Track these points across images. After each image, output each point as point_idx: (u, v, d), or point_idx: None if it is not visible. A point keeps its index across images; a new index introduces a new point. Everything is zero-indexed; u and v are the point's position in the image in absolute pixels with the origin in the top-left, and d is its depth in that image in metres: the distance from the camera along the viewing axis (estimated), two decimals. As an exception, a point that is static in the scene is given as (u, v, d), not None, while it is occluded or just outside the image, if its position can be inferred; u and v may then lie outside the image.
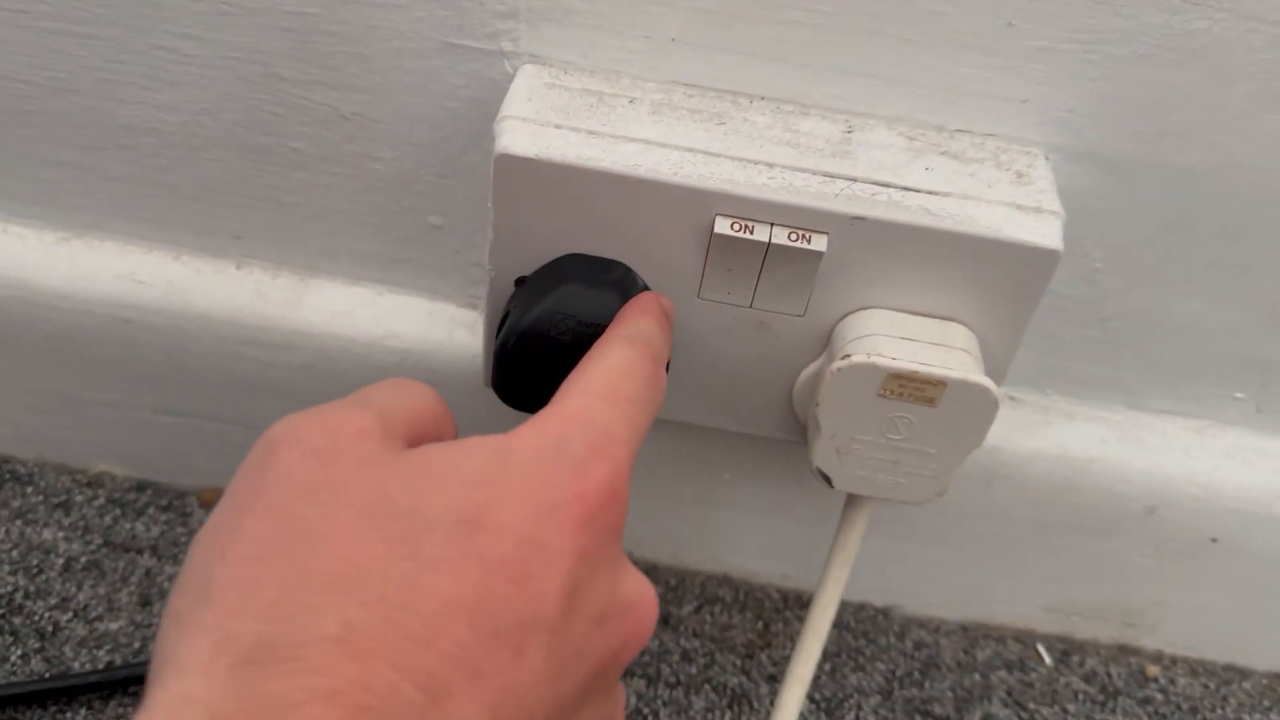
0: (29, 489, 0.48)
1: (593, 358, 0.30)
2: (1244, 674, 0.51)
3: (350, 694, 0.19)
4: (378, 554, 0.21)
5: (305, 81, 0.38)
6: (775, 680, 0.47)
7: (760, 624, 0.49)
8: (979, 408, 0.34)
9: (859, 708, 0.47)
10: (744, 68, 0.36)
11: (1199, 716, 0.49)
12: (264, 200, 0.42)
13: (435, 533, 0.21)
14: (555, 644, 0.22)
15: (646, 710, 0.45)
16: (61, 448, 0.49)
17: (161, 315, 0.43)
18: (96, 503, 0.48)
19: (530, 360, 0.34)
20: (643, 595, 0.26)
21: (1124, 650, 0.50)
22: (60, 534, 0.46)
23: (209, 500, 0.48)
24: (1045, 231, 0.34)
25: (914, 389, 0.34)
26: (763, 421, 0.40)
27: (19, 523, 0.47)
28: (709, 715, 0.45)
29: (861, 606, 0.50)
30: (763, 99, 0.37)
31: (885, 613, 0.50)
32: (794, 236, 0.34)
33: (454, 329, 0.44)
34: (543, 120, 0.34)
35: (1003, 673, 0.49)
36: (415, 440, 0.25)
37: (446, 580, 0.21)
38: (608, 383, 0.28)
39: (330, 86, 0.38)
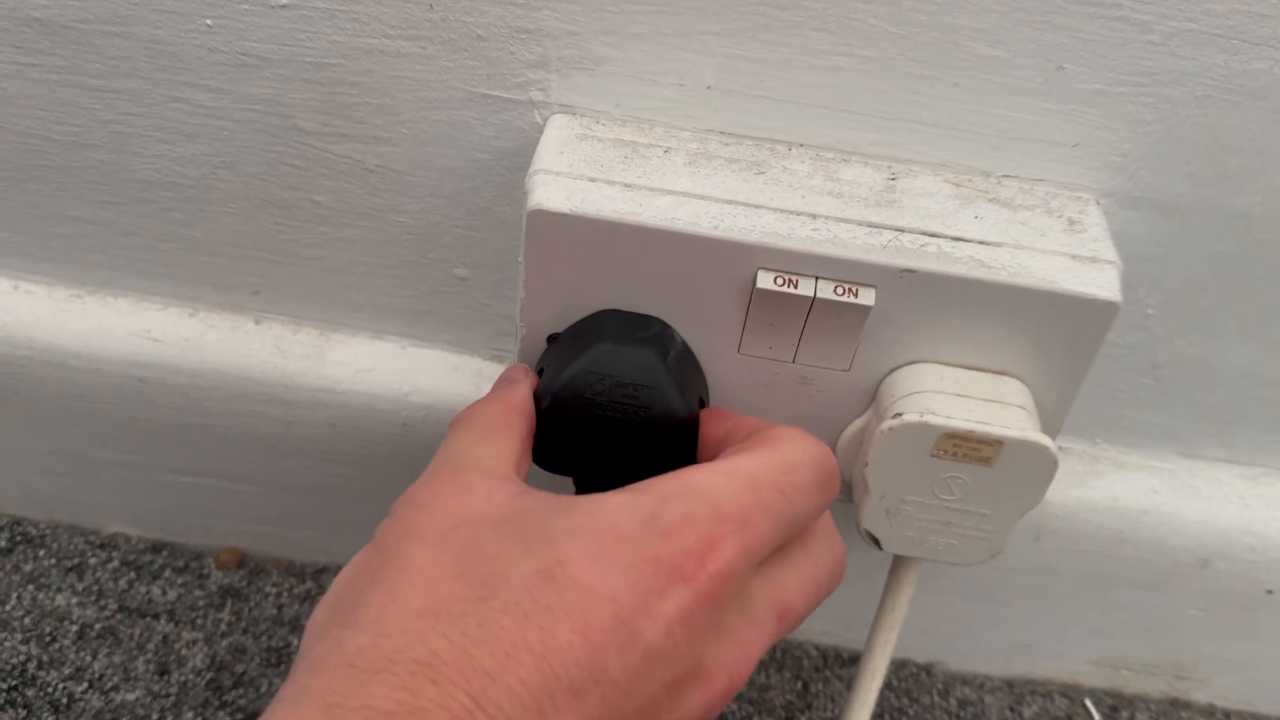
0: (41, 552, 0.46)
1: (762, 440, 0.28)
2: (1301, 729, 0.49)
3: (432, 713, 0.21)
4: (463, 594, 0.24)
5: (328, 134, 0.37)
6: (816, 743, 0.45)
7: (799, 684, 0.47)
8: (1038, 467, 0.33)
9: (904, 771, 0.45)
10: (782, 114, 0.35)
11: (1256, 774, 0.47)
12: (284, 254, 0.41)
13: (513, 580, 0.24)
14: (614, 699, 0.23)
15: (684, 778, 0.43)
16: (74, 508, 0.48)
17: (178, 373, 0.42)
18: (111, 565, 0.46)
19: (565, 422, 0.33)
20: (729, 670, 0.25)
21: (1175, 704, 0.49)
22: (74, 599, 0.45)
23: (227, 561, 0.47)
24: (1103, 283, 0.32)
25: (969, 448, 0.33)
26: (805, 479, 0.39)
27: (31, 588, 0.45)
28: (749, 782, 0.43)
29: (904, 664, 0.49)
30: (802, 146, 0.36)
31: (928, 669, 0.48)
32: (840, 290, 0.33)
33: (480, 383, 0.42)
34: (576, 174, 0.33)
35: (1051, 731, 0.47)
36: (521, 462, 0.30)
37: (515, 624, 0.23)
38: (759, 470, 0.27)
39: (354, 139, 0.37)
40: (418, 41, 0.34)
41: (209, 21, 0.35)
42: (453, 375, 0.42)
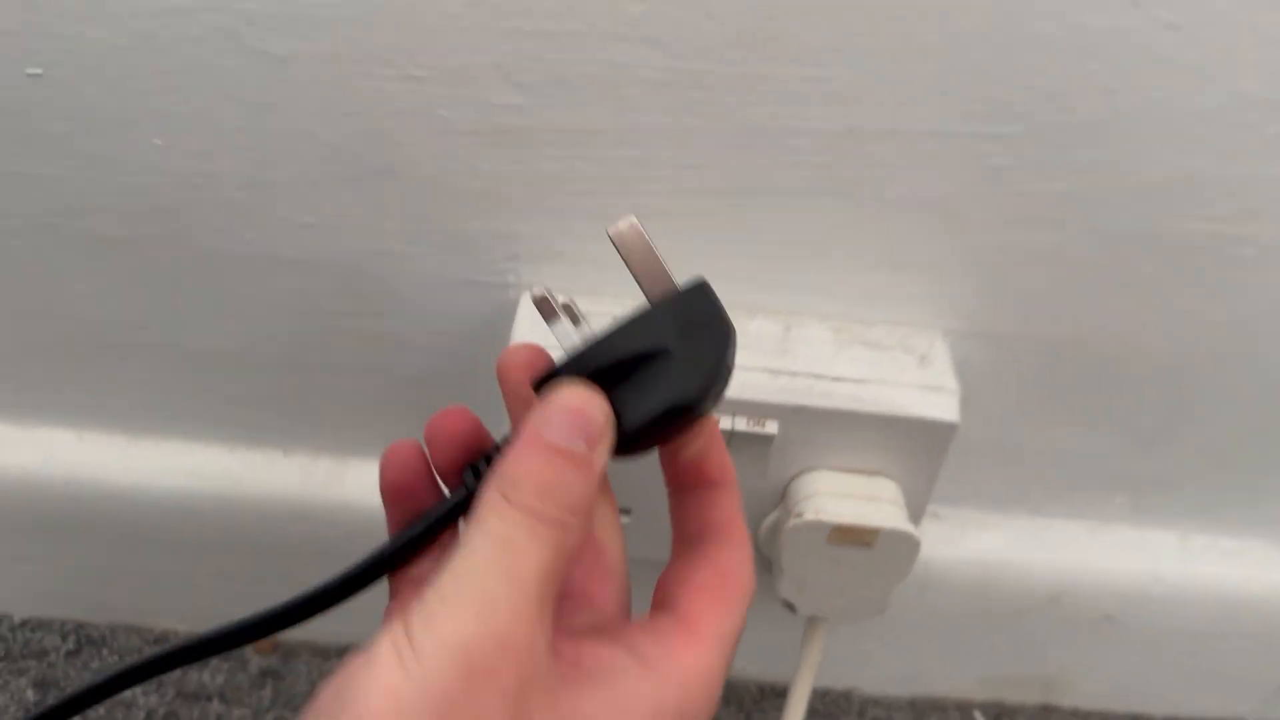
0: (104, 650, 0.55)
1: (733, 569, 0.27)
2: (1147, 721, 0.60)
3: None
4: None
5: (346, 313, 0.47)
6: (759, 763, 0.55)
7: (743, 715, 0.57)
8: (906, 548, 0.44)
9: (830, 781, 0.55)
10: (702, 285, 0.45)
11: (1112, 761, 0.58)
12: (309, 401, 0.50)
13: None
14: None
15: (653, 800, 0.53)
16: (129, 611, 0.57)
17: (220, 500, 0.51)
18: (165, 659, 0.55)
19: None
20: None
21: (1047, 710, 0.60)
22: (139, 690, 0.53)
23: (263, 647, 0.56)
24: (945, 408, 0.43)
25: (854, 536, 0.44)
26: (735, 559, 0.49)
27: (101, 683, 0.54)
28: (706, 800, 0.53)
29: (826, 691, 0.59)
30: (718, 307, 0.46)
31: (846, 695, 0.59)
32: (751, 423, 0.43)
33: (471, 493, 0.52)
34: (546, 344, 0.43)
35: (948, 738, 0.58)
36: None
37: None
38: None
39: (366, 315, 0.47)
40: (417, 245, 0.44)
41: (249, 235, 0.44)
42: (449, 488, 0.52)
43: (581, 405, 0.25)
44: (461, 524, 0.29)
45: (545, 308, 0.29)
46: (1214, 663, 0.58)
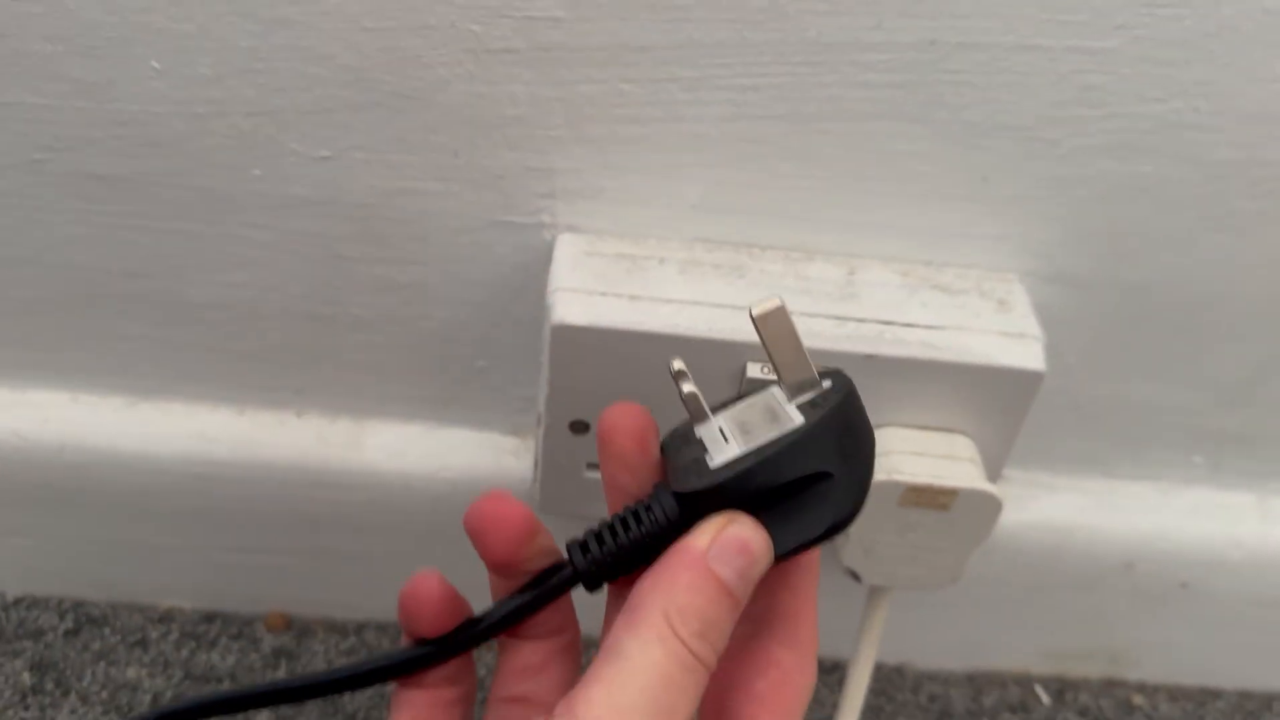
0: (106, 630, 0.51)
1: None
2: (1216, 695, 0.57)
3: None
4: None
5: (366, 259, 0.42)
6: (809, 744, 0.52)
7: (789, 692, 0.54)
8: (985, 509, 0.40)
9: (886, 762, 0.52)
10: (756, 224, 0.41)
11: (1182, 738, 0.55)
12: (324, 358, 0.46)
13: None
14: None
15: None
16: (131, 589, 0.53)
17: (230, 467, 0.47)
18: (171, 638, 0.51)
19: None
20: None
21: (1111, 684, 0.56)
22: (143, 671, 0.50)
23: (275, 624, 0.52)
24: (1029, 356, 0.39)
25: (929, 498, 0.40)
26: (791, 525, 0.45)
27: (103, 664, 0.50)
28: (755, 783, 0.50)
29: (878, 666, 0.55)
30: (773, 248, 0.42)
31: (899, 670, 0.56)
32: (816, 375, 0.39)
33: (501, 456, 0.48)
34: (589, 289, 0.39)
35: (1007, 715, 0.54)
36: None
37: None
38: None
39: (389, 261, 0.43)
40: (445, 182, 0.40)
41: (257, 171, 0.40)
42: (477, 451, 0.48)
43: (751, 544, 0.25)
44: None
45: (694, 405, 0.27)
46: (1293, 633, 0.55)
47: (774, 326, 0.27)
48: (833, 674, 0.54)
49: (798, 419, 0.26)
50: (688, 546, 0.25)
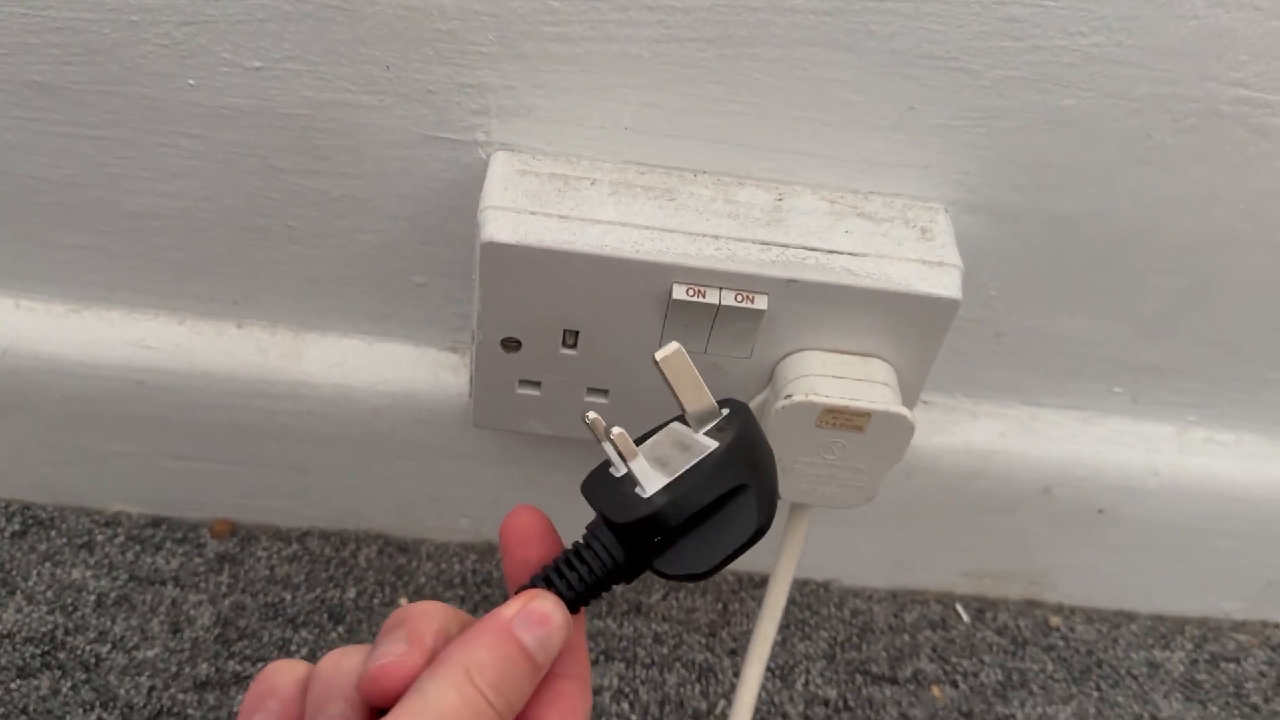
0: (53, 532, 0.52)
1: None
2: (1131, 617, 0.59)
3: None
4: None
5: (300, 171, 0.43)
6: (736, 654, 0.54)
7: (720, 605, 0.56)
8: (899, 432, 0.41)
9: (807, 672, 0.54)
10: (688, 148, 0.42)
11: (1094, 656, 0.57)
12: (261, 270, 0.47)
13: None
14: None
15: (627, 689, 0.52)
16: (78, 492, 0.54)
17: (171, 375, 0.48)
18: (117, 541, 0.53)
19: None
20: None
21: (1030, 605, 0.59)
22: (88, 573, 0.51)
23: (220, 531, 0.54)
24: (947, 284, 0.40)
25: (845, 419, 0.41)
26: (717, 443, 0.47)
27: (48, 565, 0.51)
28: (681, 689, 0.52)
29: (805, 582, 0.58)
30: (705, 173, 0.43)
31: (825, 586, 0.58)
32: (740, 298, 0.40)
33: (439, 371, 0.49)
34: (519, 208, 0.40)
35: (928, 632, 0.57)
36: None
37: None
38: None
39: (323, 174, 0.43)
40: (377, 95, 0.40)
41: (191, 81, 0.40)
42: (414, 366, 0.49)
43: (551, 616, 0.27)
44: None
45: (624, 444, 0.29)
46: (1203, 559, 0.57)
47: (675, 367, 0.30)
48: (761, 587, 0.56)
49: (710, 444, 0.29)
50: (495, 614, 0.27)
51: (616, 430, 0.29)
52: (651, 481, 0.28)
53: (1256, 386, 0.51)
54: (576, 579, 0.28)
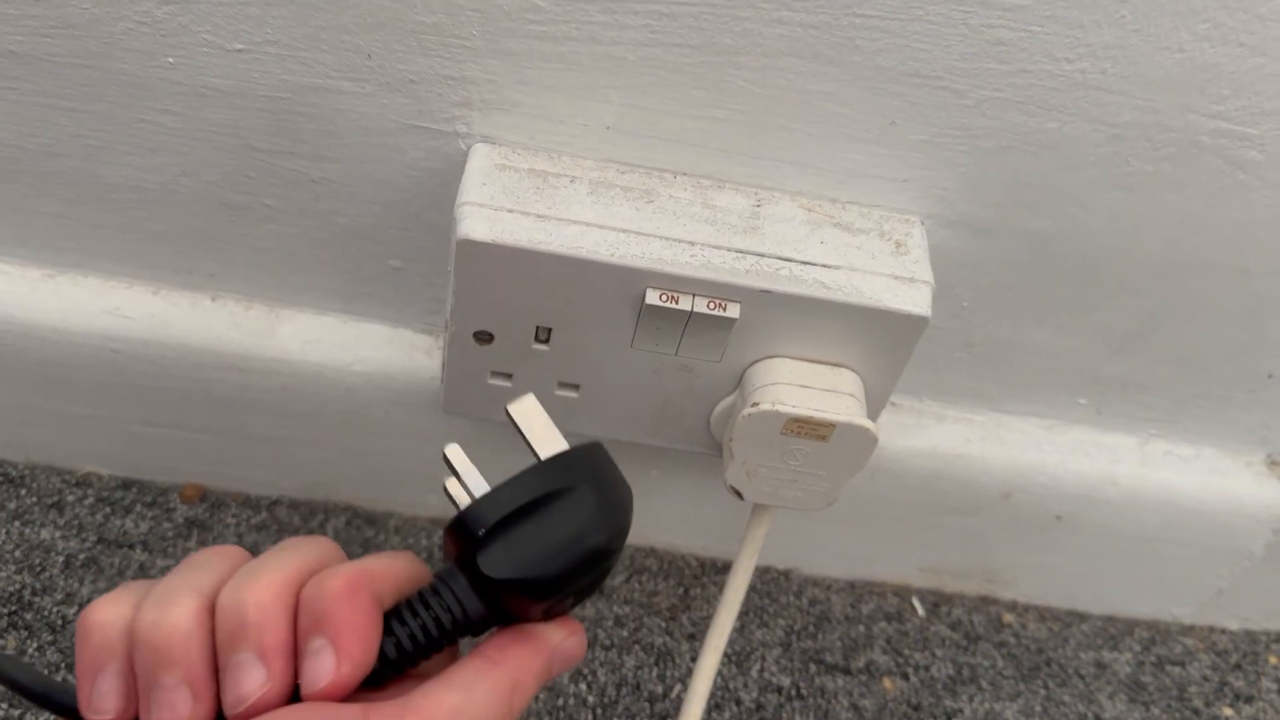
0: (23, 491, 0.53)
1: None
2: (1083, 617, 0.61)
3: None
4: None
5: (278, 152, 0.43)
6: (695, 639, 0.55)
7: (681, 589, 0.57)
8: (862, 443, 0.42)
9: (763, 659, 0.55)
10: (668, 150, 0.42)
11: (1044, 655, 0.59)
12: (238, 245, 0.46)
13: None
14: None
15: (586, 670, 0.53)
16: (50, 452, 0.54)
17: (145, 345, 0.48)
18: (87, 502, 0.53)
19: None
20: None
21: (985, 601, 0.60)
22: (57, 533, 0.52)
23: (190, 496, 0.54)
24: (917, 300, 0.41)
25: (809, 429, 0.42)
26: (686, 440, 0.47)
27: (18, 524, 0.52)
28: (639, 672, 0.53)
29: (766, 569, 0.59)
30: (685, 175, 0.43)
31: (786, 574, 0.59)
32: (712, 305, 0.40)
33: (412, 353, 0.49)
34: (496, 205, 0.40)
35: (883, 623, 0.58)
36: None
37: None
38: None
39: (301, 157, 0.43)
40: (358, 83, 0.40)
41: (171, 60, 0.40)
42: (389, 347, 0.49)
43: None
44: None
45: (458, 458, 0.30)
46: (1157, 566, 0.58)
47: (526, 416, 0.31)
48: (723, 572, 0.57)
49: None
50: (544, 635, 0.30)
51: (450, 446, 0.30)
52: (480, 490, 0.29)
53: (1219, 404, 0.52)
54: (419, 626, 0.28)
